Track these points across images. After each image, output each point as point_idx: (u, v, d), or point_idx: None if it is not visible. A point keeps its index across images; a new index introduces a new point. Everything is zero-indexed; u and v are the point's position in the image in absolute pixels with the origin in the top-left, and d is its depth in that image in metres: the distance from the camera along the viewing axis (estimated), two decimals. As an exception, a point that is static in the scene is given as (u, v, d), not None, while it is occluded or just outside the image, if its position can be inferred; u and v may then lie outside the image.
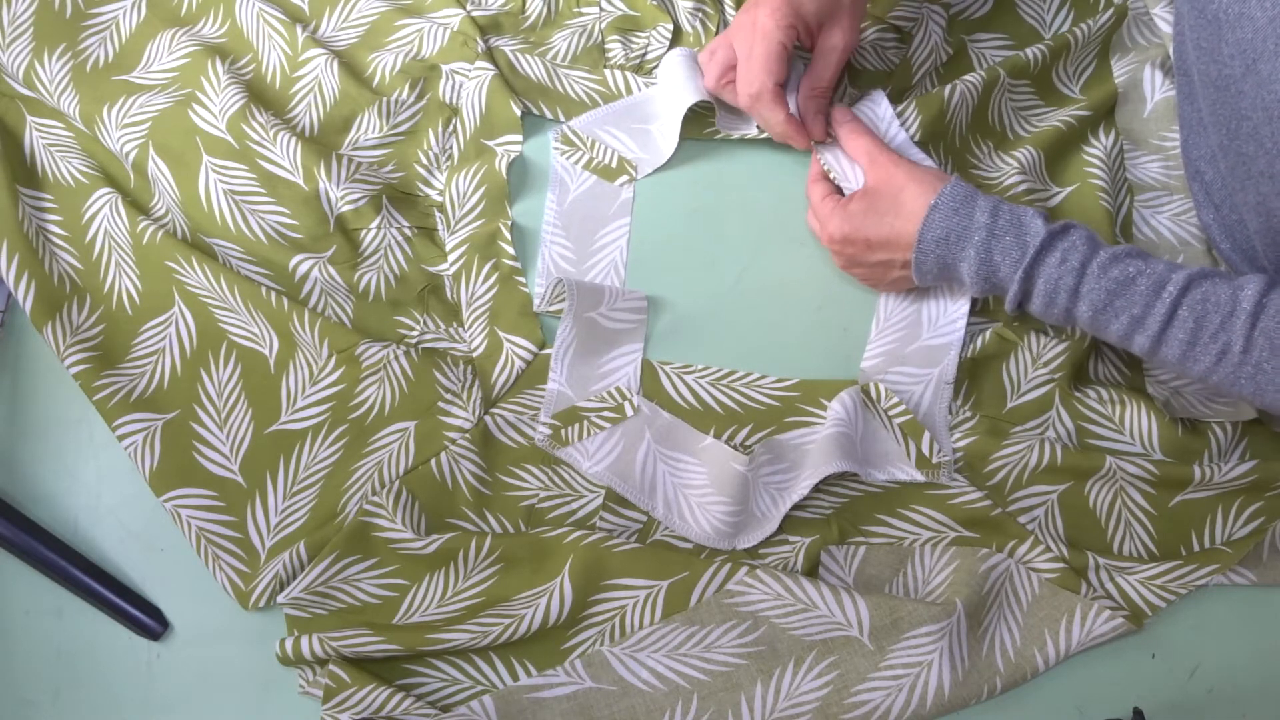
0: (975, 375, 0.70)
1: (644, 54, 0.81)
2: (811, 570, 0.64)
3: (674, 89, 0.77)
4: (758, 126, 0.76)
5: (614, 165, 0.78)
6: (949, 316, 0.71)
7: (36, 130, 0.76)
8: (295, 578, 0.64)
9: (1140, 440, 0.68)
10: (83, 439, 0.68)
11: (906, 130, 0.74)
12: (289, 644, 0.61)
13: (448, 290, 0.73)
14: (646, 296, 0.72)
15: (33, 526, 0.65)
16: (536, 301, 0.72)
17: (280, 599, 0.64)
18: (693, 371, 0.70)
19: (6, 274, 0.70)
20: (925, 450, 0.66)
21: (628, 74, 0.80)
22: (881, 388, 0.68)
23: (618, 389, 0.68)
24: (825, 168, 0.72)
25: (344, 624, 0.63)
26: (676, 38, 0.82)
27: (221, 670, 0.63)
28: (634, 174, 0.77)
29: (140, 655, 0.63)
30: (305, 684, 0.62)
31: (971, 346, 0.70)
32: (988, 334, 0.70)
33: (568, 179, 0.77)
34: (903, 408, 0.67)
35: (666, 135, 0.77)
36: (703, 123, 0.78)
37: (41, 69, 0.77)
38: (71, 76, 0.77)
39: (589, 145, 0.78)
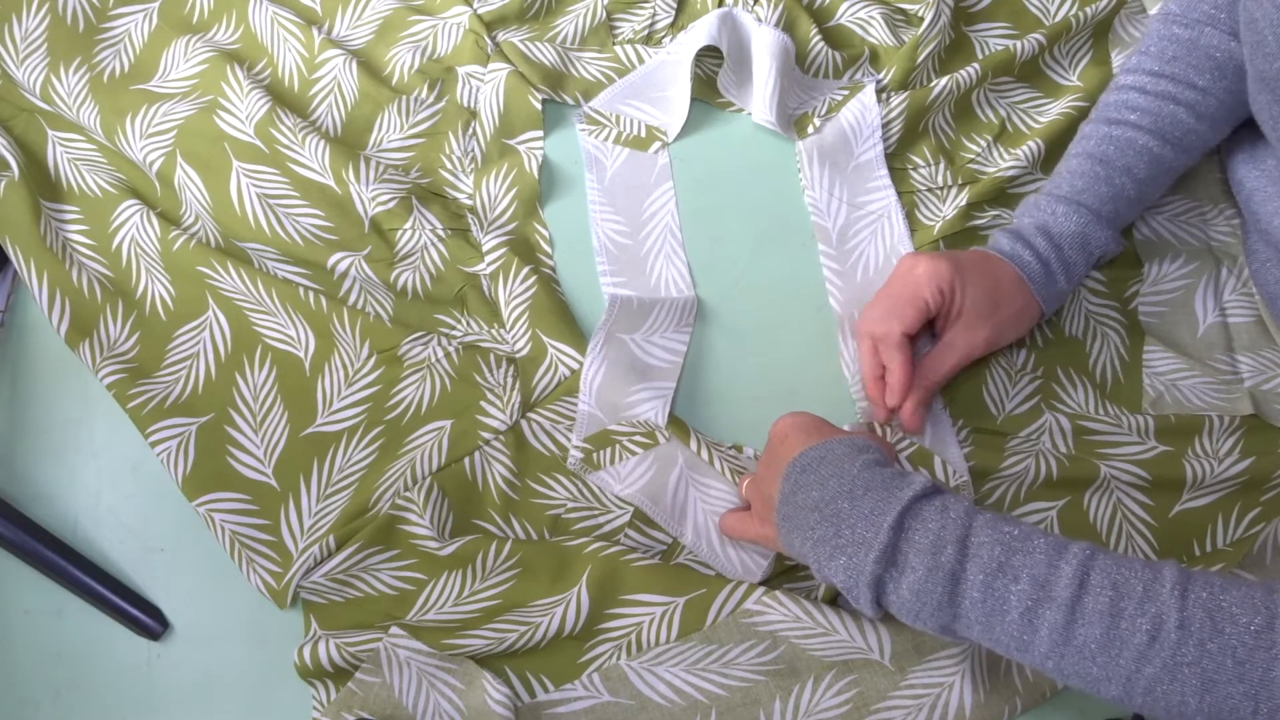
0: (954, 398, 0.69)
1: (651, 25, 0.81)
2: (833, 600, 0.62)
3: (685, 46, 0.77)
4: (756, 108, 0.77)
5: (643, 135, 0.78)
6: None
7: (60, 145, 0.77)
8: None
9: (1136, 431, 0.67)
10: (83, 439, 0.68)
11: (886, 142, 0.75)
12: (306, 651, 0.60)
13: (485, 289, 0.72)
14: (689, 336, 0.71)
15: (33, 526, 0.64)
16: (601, 279, 0.72)
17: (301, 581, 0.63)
18: (720, 448, 0.67)
19: (38, 293, 0.70)
20: (940, 475, 0.64)
21: (638, 47, 0.80)
22: (884, 429, 0.67)
23: (646, 421, 0.67)
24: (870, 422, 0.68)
25: (360, 616, 0.62)
26: (682, 5, 0.81)
27: (221, 670, 0.62)
28: (666, 139, 0.78)
29: (140, 655, 0.63)
30: (320, 709, 0.61)
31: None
32: None
33: (602, 156, 0.78)
34: (907, 440, 0.66)
35: (683, 95, 0.78)
36: (714, 89, 0.79)
37: (58, 83, 0.77)
38: (89, 89, 0.77)
39: (615, 120, 0.78)
